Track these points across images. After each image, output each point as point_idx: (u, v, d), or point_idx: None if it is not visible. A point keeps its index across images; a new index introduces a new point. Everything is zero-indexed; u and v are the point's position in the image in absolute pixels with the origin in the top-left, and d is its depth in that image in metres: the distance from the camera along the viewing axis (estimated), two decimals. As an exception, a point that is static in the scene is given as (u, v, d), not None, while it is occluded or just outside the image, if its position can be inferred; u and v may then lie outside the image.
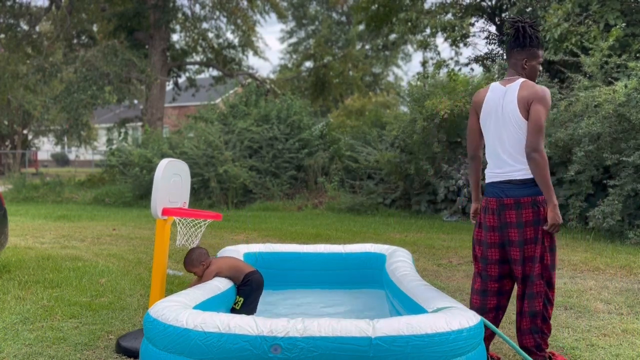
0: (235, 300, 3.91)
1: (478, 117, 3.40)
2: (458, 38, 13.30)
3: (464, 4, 13.65)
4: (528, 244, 3.16)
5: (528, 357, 3.14)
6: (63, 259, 6.57)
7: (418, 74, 13.42)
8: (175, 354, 2.72)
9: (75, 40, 21.17)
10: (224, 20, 22.07)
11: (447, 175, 10.95)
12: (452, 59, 14.05)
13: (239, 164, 13.27)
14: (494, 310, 3.34)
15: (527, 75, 3.23)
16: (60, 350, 3.56)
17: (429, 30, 14.01)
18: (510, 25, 3.24)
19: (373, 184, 12.36)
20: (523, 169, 3.14)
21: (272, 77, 29.09)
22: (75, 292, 5.04)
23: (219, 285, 3.75)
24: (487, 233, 3.32)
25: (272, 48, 67.00)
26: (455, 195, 10.83)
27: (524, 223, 3.15)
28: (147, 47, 19.99)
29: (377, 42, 23.76)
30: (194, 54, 22.92)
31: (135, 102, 22.31)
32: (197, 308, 3.14)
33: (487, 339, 3.32)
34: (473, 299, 3.41)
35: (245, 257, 4.82)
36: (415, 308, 3.26)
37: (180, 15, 21.22)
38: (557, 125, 8.70)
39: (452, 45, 13.67)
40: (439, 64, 13.60)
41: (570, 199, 8.89)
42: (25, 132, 31.90)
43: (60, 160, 41.73)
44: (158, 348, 2.80)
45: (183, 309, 2.89)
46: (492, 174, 3.30)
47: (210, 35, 22.42)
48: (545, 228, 3.10)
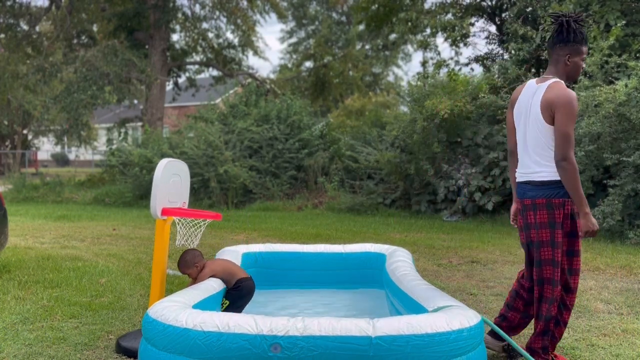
0: (221, 302, 3.89)
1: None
2: (458, 38, 13.30)
3: (464, 4, 13.65)
4: (544, 247, 3.14)
5: (530, 357, 3.14)
6: (63, 259, 6.57)
7: (418, 74, 13.42)
8: (175, 354, 2.72)
9: (75, 40, 21.16)
10: (224, 20, 22.08)
11: (447, 175, 10.95)
12: (452, 59, 14.04)
13: (239, 164, 13.27)
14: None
15: (569, 72, 3.15)
16: (60, 350, 3.55)
17: (429, 30, 14.00)
18: (554, 20, 3.16)
19: (373, 184, 12.36)
20: (542, 172, 3.11)
21: (272, 77, 29.11)
22: (75, 292, 5.03)
23: (214, 285, 3.75)
24: (519, 233, 3.38)
25: (272, 48, 67.06)
26: (455, 195, 10.83)
27: (539, 224, 3.13)
28: (147, 47, 19.99)
29: (377, 42, 23.78)
30: (194, 54, 22.91)
31: (135, 102, 22.30)
32: (195, 307, 3.13)
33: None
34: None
35: (245, 257, 4.82)
36: (416, 307, 3.26)
37: (180, 15, 21.21)
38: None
39: (452, 45, 13.66)
40: (439, 64, 13.59)
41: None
42: (25, 132, 31.89)
43: (60, 160, 41.72)
44: (157, 348, 2.80)
45: (182, 309, 2.88)
46: (518, 174, 3.32)
47: (210, 35, 22.43)
48: (581, 235, 3.09)
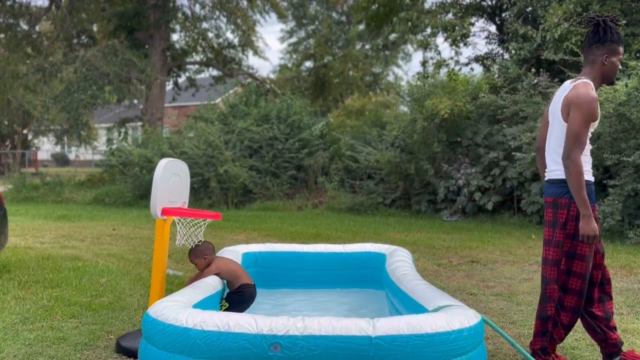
0: (220, 304, 3.88)
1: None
2: (458, 38, 13.30)
3: (464, 4, 13.65)
4: (546, 245, 3.16)
5: (530, 356, 3.13)
6: (63, 259, 6.57)
7: (418, 74, 13.43)
8: (175, 354, 2.72)
9: (75, 40, 21.16)
10: (224, 20, 22.08)
11: (447, 175, 10.95)
12: (452, 59, 14.06)
13: (239, 164, 13.26)
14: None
15: (606, 72, 3.13)
16: (60, 350, 3.55)
17: (430, 30, 14.01)
18: (589, 21, 3.17)
19: (373, 184, 12.36)
20: (557, 170, 3.13)
21: (272, 77, 29.10)
22: (75, 292, 5.03)
23: (214, 284, 3.75)
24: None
25: (272, 48, 67.04)
26: (455, 195, 10.83)
27: (546, 222, 3.16)
28: (147, 47, 19.99)
29: (377, 41, 23.76)
30: (194, 54, 22.92)
31: (135, 102, 22.30)
32: (195, 307, 3.13)
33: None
34: None
35: (245, 257, 4.82)
36: (416, 307, 3.26)
37: (180, 15, 21.21)
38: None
39: (452, 45, 13.67)
40: (439, 64, 13.60)
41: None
42: (25, 132, 31.89)
43: (60, 160, 41.72)
44: (157, 348, 2.80)
45: (182, 309, 2.88)
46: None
47: (210, 35, 22.43)
48: (580, 239, 3.03)
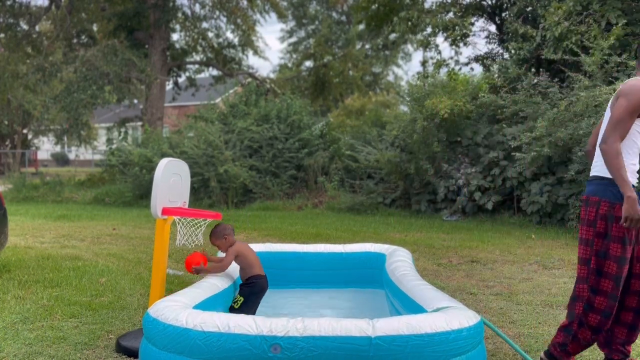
0: (235, 299, 3.89)
1: None
2: (458, 37, 13.30)
3: (464, 3, 13.65)
4: (579, 244, 3.10)
5: (527, 356, 3.14)
6: (63, 259, 6.57)
7: (418, 74, 13.43)
8: (175, 354, 2.72)
9: (75, 40, 21.16)
10: (224, 20, 22.07)
11: (447, 175, 10.95)
12: (452, 59, 14.07)
13: (239, 164, 13.26)
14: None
15: None
16: (60, 350, 3.55)
17: (430, 30, 14.01)
18: None
19: (373, 184, 12.36)
20: (596, 166, 3.08)
21: (272, 76, 29.08)
22: (75, 291, 5.03)
23: (218, 284, 3.75)
24: None
25: (272, 48, 67.06)
26: (455, 195, 10.83)
27: (580, 220, 3.12)
28: (147, 46, 19.99)
29: (377, 41, 23.77)
30: (194, 54, 22.92)
31: (135, 101, 22.30)
32: (196, 308, 3.13)
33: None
34: None
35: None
36: (415, 308, 3.26)
37: (180, 15, 21.21)
38: (557, 125, 8.70)
39: (452, 45, 13.67)
40: (439, 64, 13.60)
41: (570, 199, 8.89)
42: (25, 131, 31.89)
43: (60, 160, 41.73)
44: (158, 348, 2.80)
45: (183, 309, 2.89)
46: None
47: (210, 35, 22.43)
48: (622, 222, 2.89)
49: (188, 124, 15.76)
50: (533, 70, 10.87)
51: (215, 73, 23.03)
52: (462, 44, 13.74)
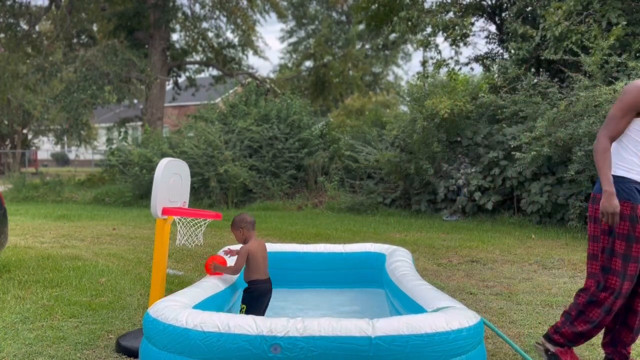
0: (240, 308, 3.85)
1: None
2: (458, 37, 13.30)
3: (464, 3, 13.65)
4: (588, 240, 3.15)
5: (527, 356, 3.14)
6: (63, 259, 6.57)
7: (418, 74, 13.42)
8: (175, 354, 2.72)
9: (75, 40, 21.16)
10: (224, 20, 22.09)
11: (447, 175, 10.95)
12: (452, 59, 14.07)
13: (239, 164, 13.26)
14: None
15: None
16: (60, 350, 3.55)
17: (430, 30, 14.01)
18: None
19: (373, 184, 12.36)
20: None
21: (272, 76, 29.07)
22: (75, 291, 5.04)
23: (218, 284, 3.75)
24: None
25: (272, 48, 67.04)
26: (455, 195, 10.83)
27: (588, 218, 3.17)
28: (147, 46, 19.99)
29: (377, 41, 23.76)
30: (194, 54, 22.93)
31: (135, 101, 22.31)
32: (196, 308, 3.13)
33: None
34: None
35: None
36: (415, 308, 3.26)
37: (180, 15, 21.22)
38: (557, 125, 8.71)
39: (452, 45, 13.67)
40: (439, 64, 13.60)
41: (570, 199, 8.89)
42: (25, 131, 31.89)
43: (60, 160, 41.73)
44: (158, 347, 2.80)
45: (183, 309, 2.89)
46: None
47: (210, 35, 22.44)
48: (600, 217, 2.96)
49: (188, 124, 15.75)
50: (533, 70, 10.87)
51: (215, 73, 23.04)
52: (462, 44, 13.75)
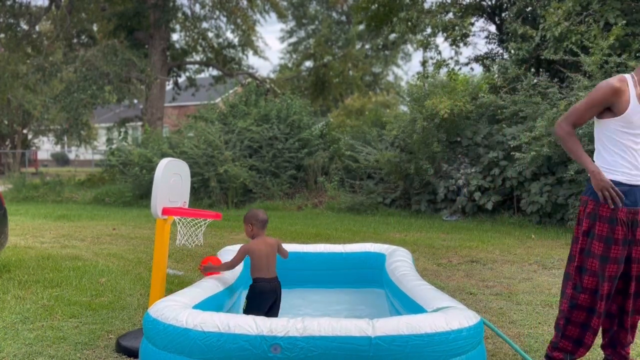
0: (244, 302, 3.84)
1: None
2: (458, 38, 13.31)
3: (464, 4, 13.65)
4: (571, 243, 3.15)
5: (527, 357, 3.14)
6: (63, 259, 6.57)
7: (418, 74, 13.43)
8: (175, 354, 2.72)
9: (75, 40, 21.16)
10: (224, 20, 22.08)
11: (447, 175, 10.96)
12: (452, 59, 14.07)
13: (239, 164, 13.26)
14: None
15: None
16: (60, 350, 3.56)
17: (430, 30, 14.02)
18: None
19: (373, 184, 12.36)
20: None
21: (272, 76, 29.07)
22: (75, 291, 5.04)
23: (218, 284, 3.75)
24: None
25: (272, 48, 67.06)
26: (455, 195, 10.83)
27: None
28: (147, 46, 19.99)
29: (377, 41, 23.75)
30: (194, 54, 22.93)
31: (135, 101, 22.31)
32: (196, 308, 3.13)
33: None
34: None
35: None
36: (415, 308, 3.26)
37: (180, 15, 21.22)
38: (557, 125, 8.69)
39: (452, 45, 13.68)
40: (439, 64, 13.60)
41: (570, 199, 8.89)
42: (25, 131, 31.89)
43: (60, 160, 41.72)
44: (158, 347, 2.81)
45: (183, 309, 2.89)
46: None
47: (210, 35, 22.44)
48: (600, 198, 2.94)
49: (188, 124, 15.75)
50: (533, 71, 10.87)
51: (215, 73, 23.03)
52: (462, 44, 13.75)
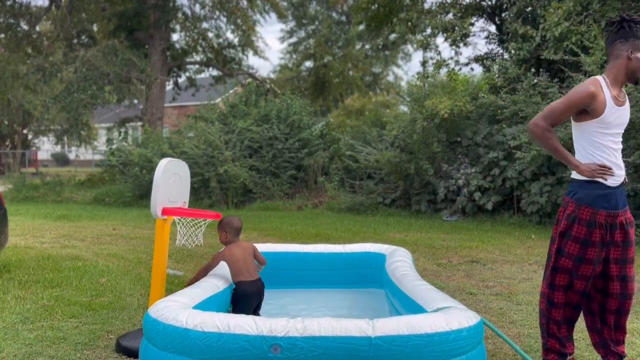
0: (228, 309, 3.86)
1: None
2: (458, 38, 13.31)
3: (464, 4, 13.65)
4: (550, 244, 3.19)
5: (527, 357, 3.14)
6: (63, 259, 6.57)
7: (418, 74, 13.43)
8: (175, 354, 2.72)
9: (75, 40, 21.16)
10: (224, 20, 22.08)
11: (447, 175, 10.95)
12: (452, 59, 14.06)
13: (239, 164, 13.27)
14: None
15: (631, 67, 3.04)
16: (60, 350, 3.56)
17: (430, 30, 14.02)
18: (613, 23, 3.13)
19: (373, 184, 12.36)
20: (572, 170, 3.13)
21: (272, 76, 29.06)
22: (75, 291, 5.04)
23: (217, 284, 3.75)
24: None
25: (272, 48, 67.01)
26: (455, 195, 10.83)
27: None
28: (147, 46, 19.99)
29: (377, 42, 23.76)
30: (194, 54, 22.92)
31: (135, 101, 22.31)
32: (196, 308, 3.14)
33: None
34: None
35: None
36: (415, 308, 3.26)
37: (180, 15, 21.22)
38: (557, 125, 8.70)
39: (452, 45, 13.68)
40: (439, 64, 13.60)
41: (570, 199, 8.88)
42: (25, 131, 31.89)
43: (60, 160, 41.72)
44: (158, 348, 2.81)
45: (183, 309, 2.89)
46: None
47: (210, 35, 22.44)
48: (597, 177, 2.97)
49: (188, 124, 15.75)
50: (533, 71, 10.87)
51: (215, 73, 23.03)
52: (462, 45, 13.75)
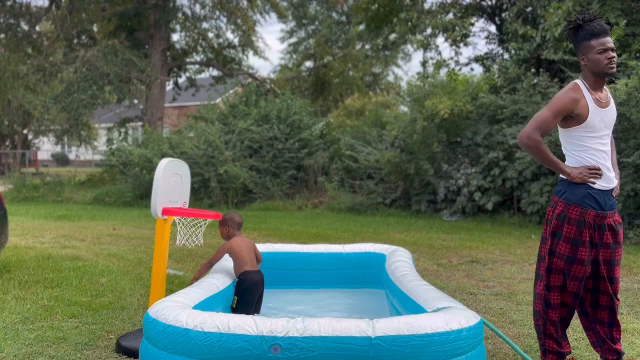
0: (233, 299, 3.90)
1: None
2: (458, 38, 13.31)
3: (464, 4, 13.66)
4: (540, 243, 3.20)
5: (527, 357, 3.14)
6: (63, 259, 6.57)
7: (418, 74, 13.43)
8: (175, 354, 2.72)
9: (75, 40, 21.16)
10: (224, 20, 22.06)
11: (447, 175, 10.96)
12: (452, 59, 14.06)
13: (239, 164, 13.27)
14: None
15: (591, 69, 2.95)
16: (60, 350, 3.56)
17: (430, 30, 14.02)
18: (565, 29, 3.08)
19: (373, 184, 12.36)
20: None
21: (272, 77, 29.04)
22: (75, 291, 5.04)
23: (217, 284, 3.75)
24: None
25: (272, 48, 67.08)
26: (455, 195, 10.83)
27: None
28: (147, 47, 19.98)
29: (377, 42, 23.75)
30: (194, 54, 22.90)
31: (135, 102, 22.31)
32: (196, 308, 3.14)
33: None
34: None
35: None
36: (415, 308, 3.26)
37: (180, 15, 21.20)
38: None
39: (452, 45, 13.68)
40: (439, 64, 13.60)
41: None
42: (26, 131, 31.90)
43: (61, 160, 41.68)
44: (158, 348, 2.81)
45: (183, 309, 2.89)
46: None
47: (210, 35, 22.41)
48: (589, 182, 2.94)
49: (188, 124, 15.76)
50: (533, 71, 10.88)
51: (216, 73, 23.01)
52: (462, 45, 13.75)
